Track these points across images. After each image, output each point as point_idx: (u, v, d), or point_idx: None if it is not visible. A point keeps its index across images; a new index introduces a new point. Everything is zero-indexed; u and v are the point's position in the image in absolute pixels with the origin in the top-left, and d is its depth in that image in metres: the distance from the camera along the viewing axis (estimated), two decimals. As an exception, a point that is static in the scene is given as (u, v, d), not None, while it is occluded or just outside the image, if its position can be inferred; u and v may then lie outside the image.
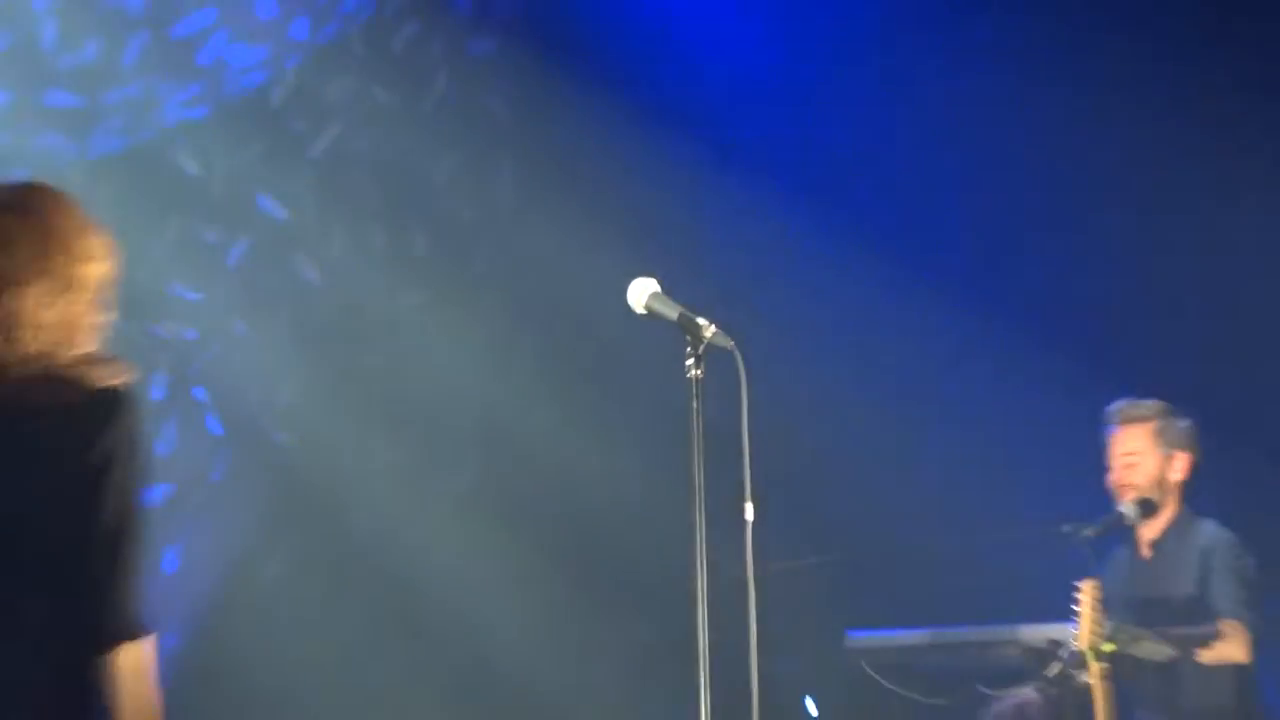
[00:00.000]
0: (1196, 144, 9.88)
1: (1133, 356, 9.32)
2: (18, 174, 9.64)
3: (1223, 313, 9.89)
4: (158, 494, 10.30)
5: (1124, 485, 7.84)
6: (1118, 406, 8.03)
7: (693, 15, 10.62)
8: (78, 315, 4.42)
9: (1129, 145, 10.09)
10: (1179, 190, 9.94)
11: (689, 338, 5.41)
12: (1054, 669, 7.66)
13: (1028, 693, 7.89)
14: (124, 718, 4.23)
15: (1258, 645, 7.64)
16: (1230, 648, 7.56)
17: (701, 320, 5.36)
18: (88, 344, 4.53)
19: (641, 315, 5.53)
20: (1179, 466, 7.83)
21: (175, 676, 10.23)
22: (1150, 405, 7.95)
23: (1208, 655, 7.59)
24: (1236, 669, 7.67)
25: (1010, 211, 10.24)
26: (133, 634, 4.17)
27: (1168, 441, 7.80)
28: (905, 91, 10.25)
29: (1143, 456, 7.77)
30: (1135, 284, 9.90)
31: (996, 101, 10.01)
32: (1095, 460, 8.23)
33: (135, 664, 4.25)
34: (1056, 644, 7.63)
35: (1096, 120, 10.13)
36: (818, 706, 9.00)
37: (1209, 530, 7.84)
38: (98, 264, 4.55)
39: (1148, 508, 7.79)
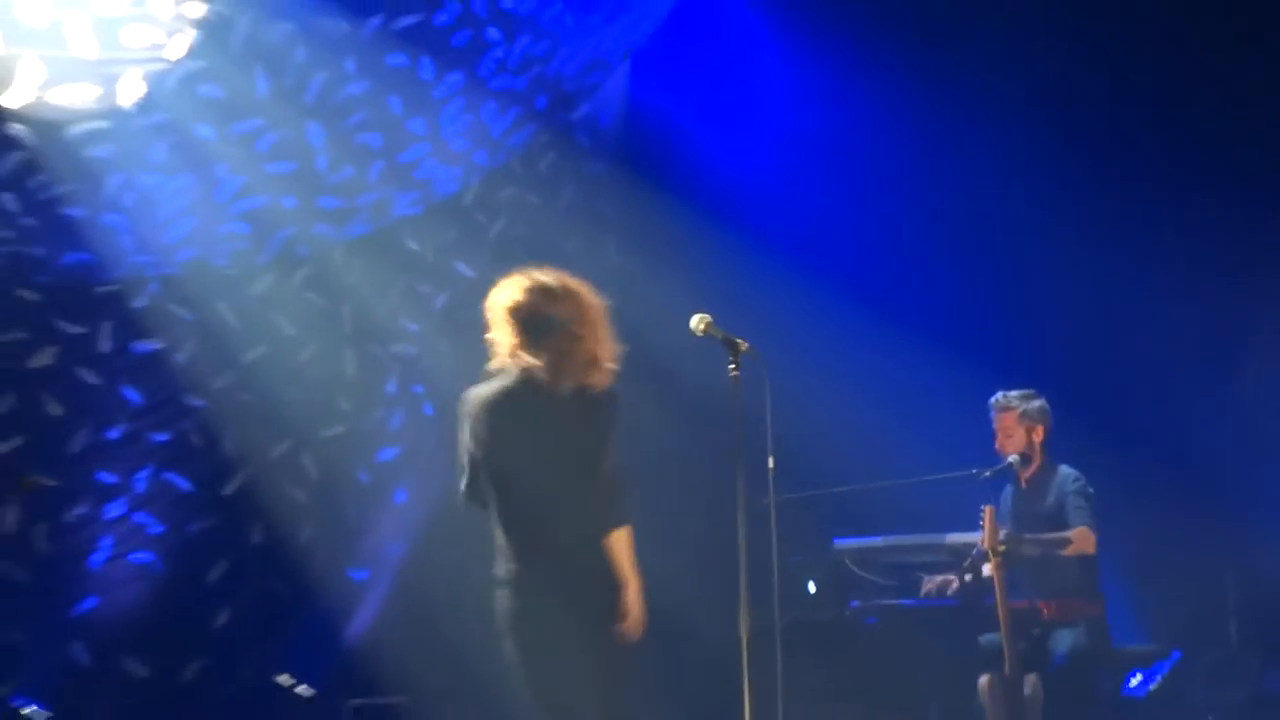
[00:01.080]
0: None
1: (1008, 358, 10.69)
2: (301, 250, 11.17)
3: (1073, 322, 11.44)
4: (391, 453, 11.87)
5: (1005, 448, 9.53)
6: (994, 399, 9.63)
7: (731, 141, 12.03)
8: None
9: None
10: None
11: (730, 351, 6.83)
12: (967, 563, 9.28)
13: (949, 577, 9.48)
14: (625, 565, 6.69)
15: (1099, 542, 9.25)
16: (1081, 545, 9.20)
17: (739, 339, 6.82)
18: None
19: (700, 336, 6.93)
20: (1039, 433, 9.53)
21: (405, 570, 11.64)
22: (1015, 396, 9.58)
23: (1067, 550, 9.22)
24: (1085, 558, 9.30)
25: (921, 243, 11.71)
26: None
27: (1029, 419, 9.51)
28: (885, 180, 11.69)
29: (1013, 430, 9.52)
30: (1014, 302, 11.35)
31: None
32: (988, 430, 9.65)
33: (627, 537, 6.69)
34: (969, 546, 9.23)
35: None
36: (815, 585, 10.52)
37: (1063, 470, 9.45)
38: None
39: (1024, 459, 9.50)
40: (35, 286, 10.82)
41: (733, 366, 6.73)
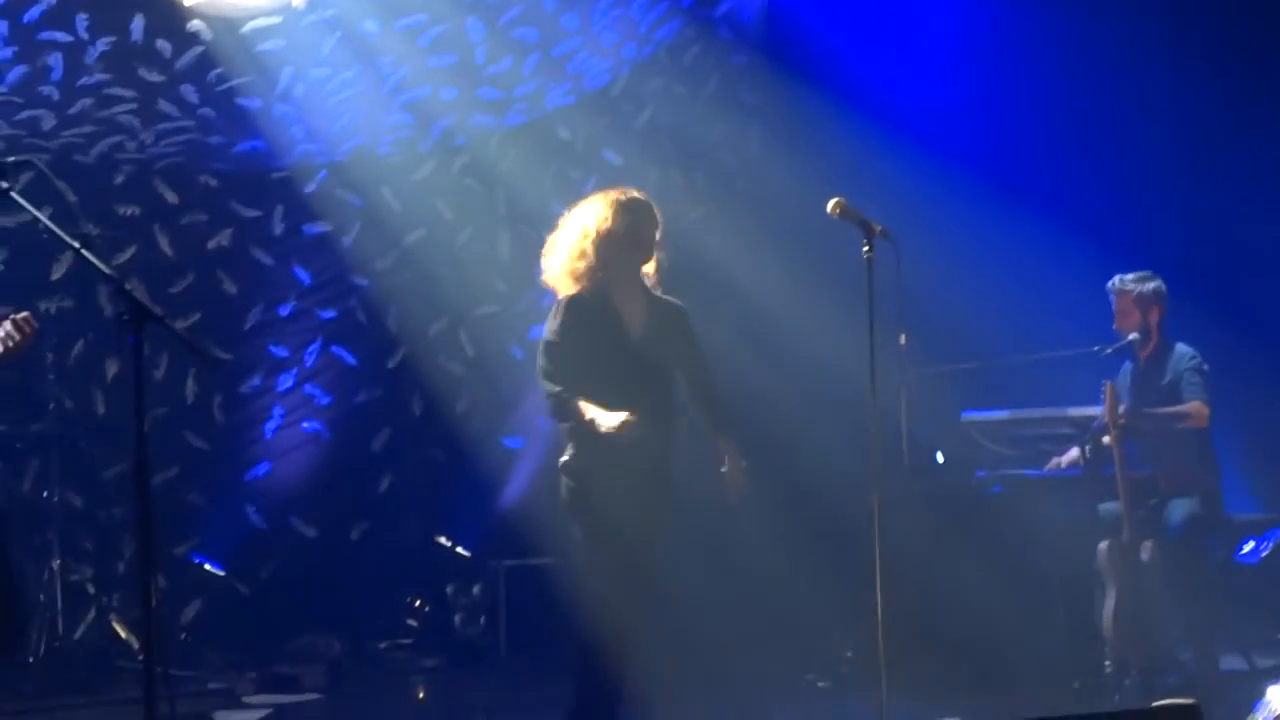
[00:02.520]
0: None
1: (1131, 238, 10.79)
2: (460, 139, 11.36)
3: (1199, 211, 11.36)
4: (543, 331, 12.28)
5: (1124, 327, 9.51)
6: (1111, 283, 9.53)
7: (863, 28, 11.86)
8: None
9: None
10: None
11: (864, 232, 6.78)
12: (1088, 436, 9.25)
13: (1074, 452, 9.48)
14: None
15: (1213, 416, 9.26)
16: (1196, 419, 9.24)
17: (873, 221, 6.79)
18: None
19: (835, 218, 6.84)
20: (1154, 313, 9.46)
21: (556, 438, 12.71)
22: (1131, 279, 9.48)
23: (1182, 424, 9.26)
24: (1200, 431, 9.33)
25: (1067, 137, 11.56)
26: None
27: (1145, 300, 9.44)
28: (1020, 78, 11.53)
29: (1129, 311, 9.48)
30: (1136, 183, 11.27)
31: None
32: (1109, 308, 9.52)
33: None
34: (1090, 419, 9.20)
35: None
36: (944, 456, 10.54)
37: (1180, 348, 9.45)
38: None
39: (1143, 337, 9.49)
40: (213, 172, 11.27)
41: (866, 248, 6.78)
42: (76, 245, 5.61)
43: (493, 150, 11.74)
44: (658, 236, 7.42)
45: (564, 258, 7.43)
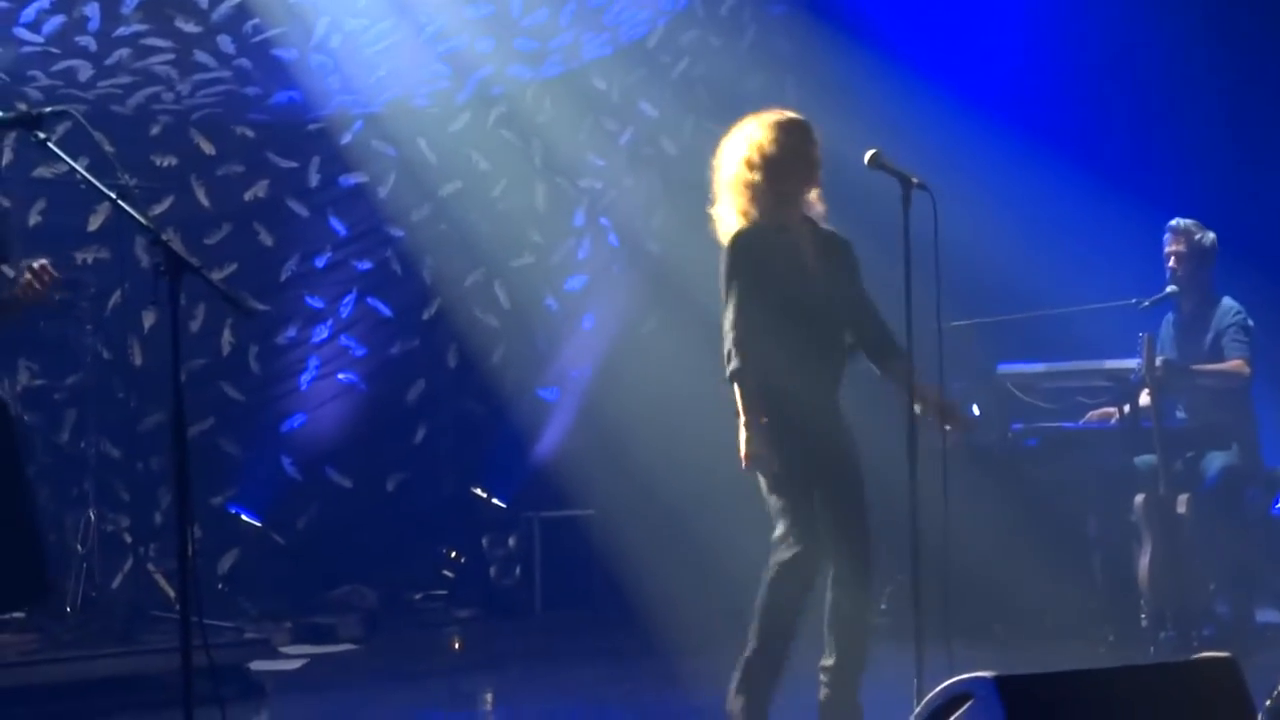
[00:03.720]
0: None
1: (1171, 194, 10.55)
2: (496, 90, 11.39)
3: (1239, 165, 11.20)
4: (578, 281, 12.14)
5: (1176, 268, 9.40)
6: (1173, 223, 9.44)
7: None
8: None
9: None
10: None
11: (901, 184, 6.65)
12: (1127, 389, 9.28)
13: (1110, 410, 9.51)
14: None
15: (1253, 375, 9.27)
16: (1236, 376, 9.27)
17: (909, 173, 6.63)
18: None
19: (871, 169, 6.70)
20: (1205, 264, 9.41)
21: (591, 391, 11.98)
22: (1188, 225, 9.43)
23: (1223, 380, 9.28)
24: (1240, 385, 9.34)
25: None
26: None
27: (1197, 250, 9.39)
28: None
29: (1181, 258, 9.38)
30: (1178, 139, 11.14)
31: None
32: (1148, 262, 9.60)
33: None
34: (1127, 371, 9.32)
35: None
36: (979, 408, 10.26)
37: (1225, 303, 9.40)
38: None
39: (1187, 289, 9.43)
40: (250, 123, 11.28)
41: (904, 196, 6.64)
42: (113, 196, 5.59)
43: (529, 102, 11.73)
44: (819, 158, 6.89)
45: (729, 195, 6.95)
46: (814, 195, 6.96)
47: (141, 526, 10.31)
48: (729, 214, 6.93)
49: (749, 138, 6.89)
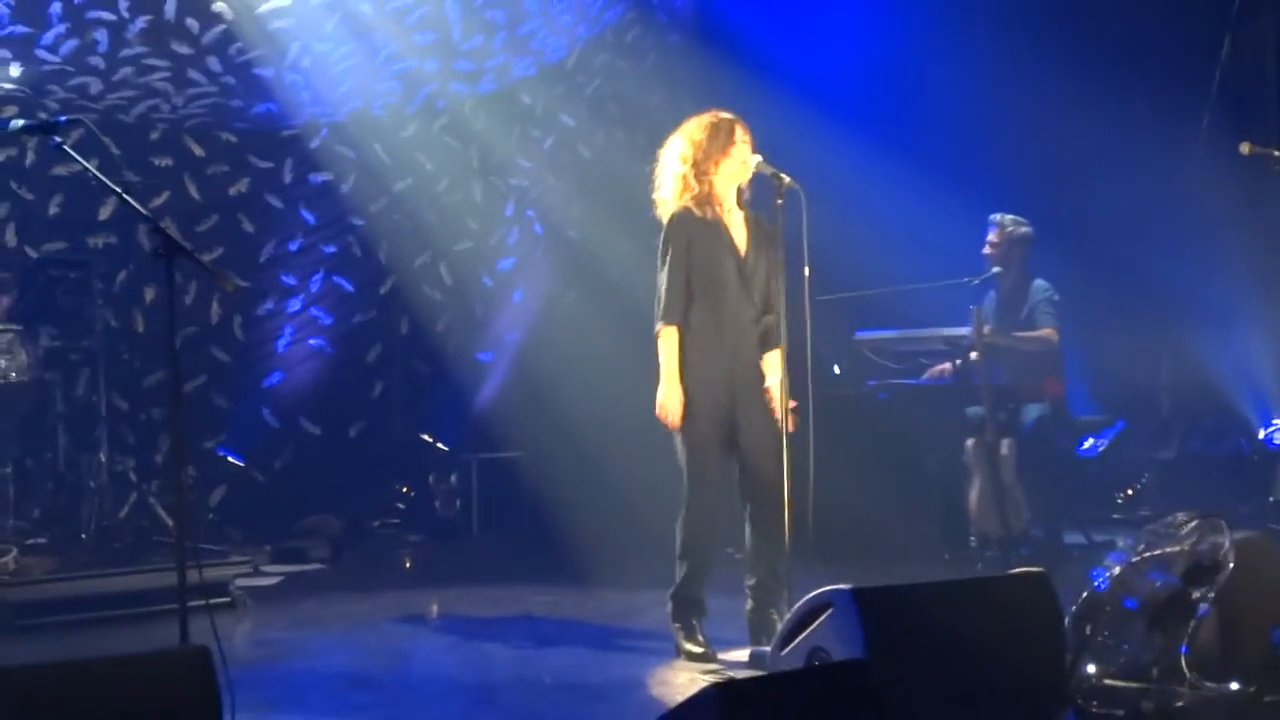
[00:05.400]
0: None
1: (997, 186, 10.45)
2: (440, 103, 11.22)
3: (1055, 166, 11.02)
4: (509, 263, 12.01)
5: (991, 256, 9.47)
6: (994, 216, 9.50)
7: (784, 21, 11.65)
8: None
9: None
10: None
11: (776, 183, 6.64)
12: (959, 352, 9.21)
13: (945, 365, 9.50)
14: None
15: (1062, 338, 9.25)
16: (1047, 341, 9.25)
17: (784, 174, 6.65)
18: None
19: (756, 170, 6.78)
20: (1020, 253, 9.45)
21: (521, 353, 11.84)
22: (1010, 219, 9.48)
23: (1035, 346, 9.26)
24: (1050, 349, 9.32)
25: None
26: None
27: (1015, 239, 9.44)
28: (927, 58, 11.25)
29: (997, 246, 9.46)
30: (1000, 140, 10.95)
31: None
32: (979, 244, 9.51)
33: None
34: (960, 338, 9.13)
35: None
36: (840, 368, 10.66)
37: (1037, 282, 9.39)
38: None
39: (1007, 270, 9.45)
40: (234, 130, 11.17)
41: (779, 201, 6.65)
42: (119, 191, 5.56)
43: (467, 113, 11.64)
44: (748, 147, 6.83)
45: (670, 183, 6.91)
46: (744, 182, 6.92)
47: (145, 466, 10.34)
48: (669, 198, 6.88)
49: (686, 133, 6.88)
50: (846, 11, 11.73)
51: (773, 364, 6.79)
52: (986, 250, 9.53)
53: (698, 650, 6.76)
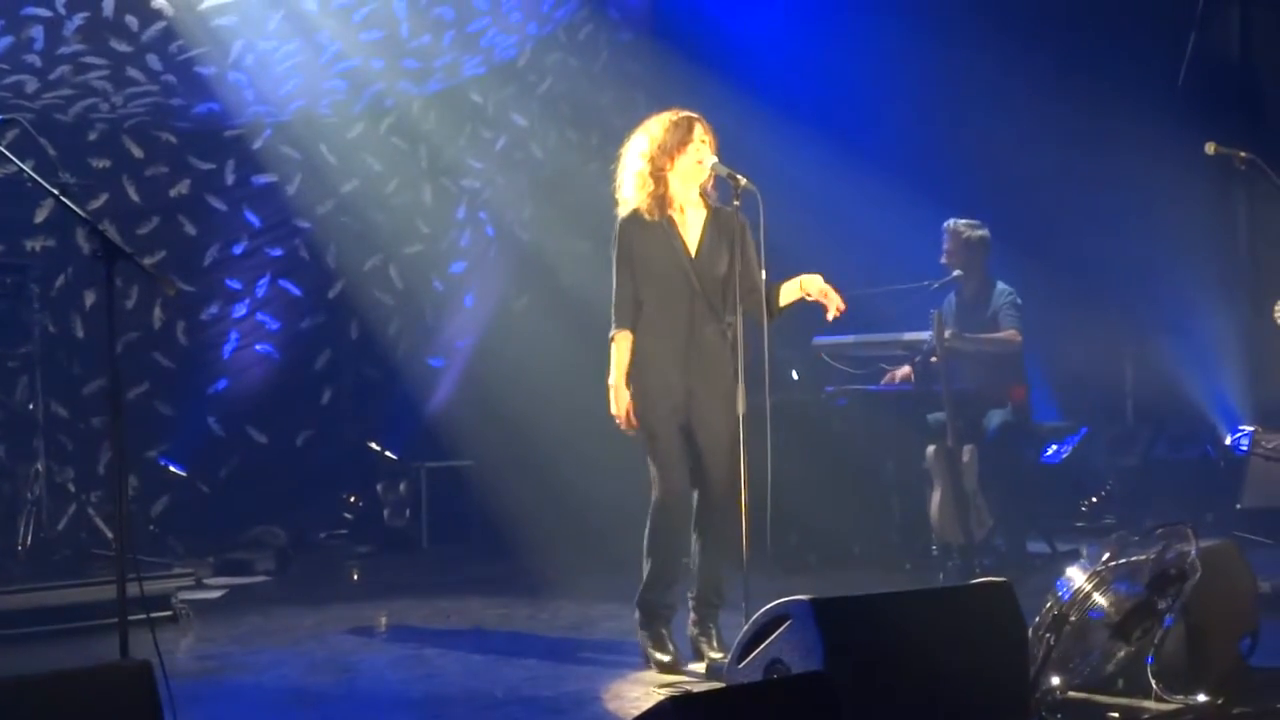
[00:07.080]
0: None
1: (958, 192, 10.51)
2: (387, 102, 11.24)
3: (1014, 171, 11.06)
4: (460, 266, 12.00)
5: (950, 263, 9.48)
6: (947, 224, 9.54)
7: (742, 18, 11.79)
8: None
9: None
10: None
11: (733, 185, 6.56)
12: (918, 356, 9.24)
13: (906, 368, 9.51)
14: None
15: (1024, 342, 9.25)
16: (1009, 343, 9.27)
17: (741, 176, 6.57)
18: None
19: (713, 171, 6.68)
20: (979, 255, 9.46)
21: (472, 359, 11.84)
22: (964, 224, 9.51)
23: (998, 348, 9.28)
24: (1013, 353, 9.35)
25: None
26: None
27: (972, 244, 9.47)
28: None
29: (957, 250, 9.48)
30: (961, 149, 11.09)
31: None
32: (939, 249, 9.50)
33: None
34: (921, 342, 9.14)
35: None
36: (798, 373, 10.55)
37: (1000, 286, 9.44)
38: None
39: (968, 275, 9.46)
40: (174, 130, 11.12)
41: (736, 202, 6.58)
42: (56, 193, 5.51)
43: (415, 113, 11.65)
44: (709, 145, 6.74)
45: (630, 181, 6.77)
46: (706, 183, 6.82)
47: (85, 477, 10.26)
48: (630, 197, 6.78)
49: (647, 131, 6.79)
50: (802, 10, 11.82)
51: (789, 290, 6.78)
52: (944, 259, 9.57)
53: (665, 659, 6.70)
